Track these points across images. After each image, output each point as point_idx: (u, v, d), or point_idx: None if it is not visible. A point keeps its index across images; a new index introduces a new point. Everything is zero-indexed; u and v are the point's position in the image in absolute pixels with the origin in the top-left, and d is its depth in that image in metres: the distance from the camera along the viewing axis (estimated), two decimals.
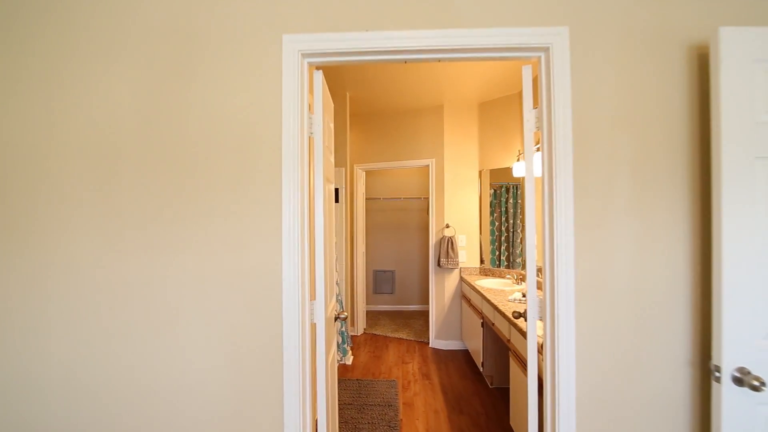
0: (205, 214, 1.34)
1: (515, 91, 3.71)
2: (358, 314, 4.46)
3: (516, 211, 3.76)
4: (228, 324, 1.34)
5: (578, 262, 1.30)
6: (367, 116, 4.46)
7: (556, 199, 1.31)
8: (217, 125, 1.34)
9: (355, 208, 4.45)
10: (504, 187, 3.88)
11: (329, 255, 1.71)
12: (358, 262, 4.45)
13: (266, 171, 1.34)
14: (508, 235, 3.86)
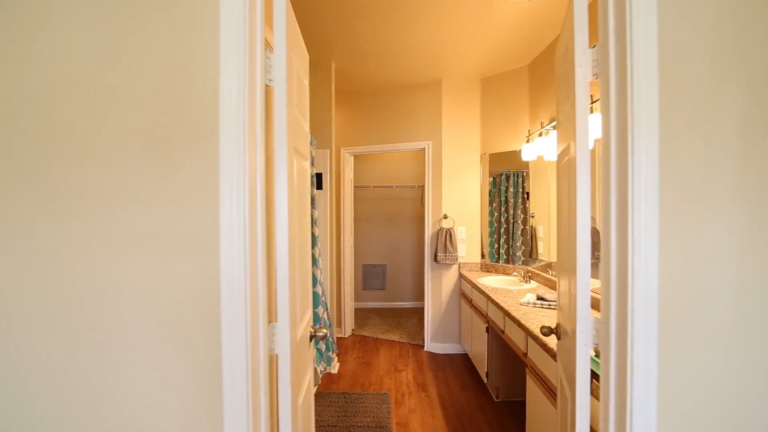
0: (91, 202, 0.87)
1: (523, 64, 3.26)
2: (345, 314, 4.04)
3: (517, 200, 3.36)
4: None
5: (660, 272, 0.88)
6: (355, 93, 3.97)
7: (634, 176, 0.87)
8: (115, 69, 0.88)
9: (342, 197, 3.99)
10: (504, 175, 3.48)
11: (301, 257, 1.26)
12: (345, 257, 4.01)
13: (194, 136, 0.88)
14: (508, 227, 3.47)
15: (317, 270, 2.75)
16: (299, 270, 1.23)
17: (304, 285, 1.33)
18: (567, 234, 1.23)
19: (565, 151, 1.25)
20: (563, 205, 1.32)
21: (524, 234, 3.38)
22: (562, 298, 1.38)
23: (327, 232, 3.17)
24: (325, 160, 3.17)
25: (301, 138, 1.30)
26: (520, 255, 3.41)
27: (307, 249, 1.40)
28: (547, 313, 2.10)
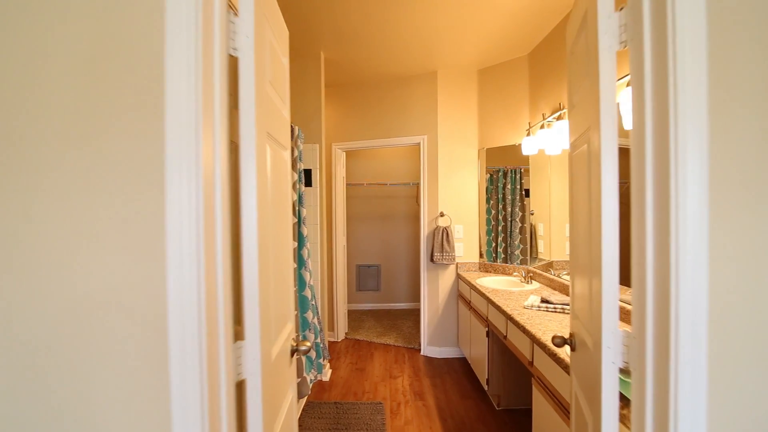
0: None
1: (522, 54, 3.11)
2: (338, 318, 3.87)
3: (515, 198, 3.21)
4: None
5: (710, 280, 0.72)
6: (346, 86, 3.80)
7: (678, 164, 0.71)
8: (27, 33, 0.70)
9: (334, 194, 3.81)
10: (501, 171, 3.32)
11: (277, 261, 1.09)
12: (337, 257, 3.83)
13: (136, 113, 0.71)
14: (506, 224, 3.32)
15: (306, 272, 2.57)
16: (275, 276, 1.06)
17: (282, 293, 1.16)
18: (585, 232, 1.07)
19: (582, 139, 1.09)
20: (579, 199, 1.16)
21: (522, 232, 3.23)
22: (577, 303, 1.22)
23: (317, 231, 3.00)
24: (314, 156, 2.99)
25: (278, 123, 1.13)
26: (518, 254, 3.26)
27: (285, 252, 1.23)
28: (553, 318, 1.95)
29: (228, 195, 0.82)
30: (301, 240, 2.54)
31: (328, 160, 3.81)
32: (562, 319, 1.92)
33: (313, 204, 2.99)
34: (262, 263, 0.91)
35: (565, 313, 2.02)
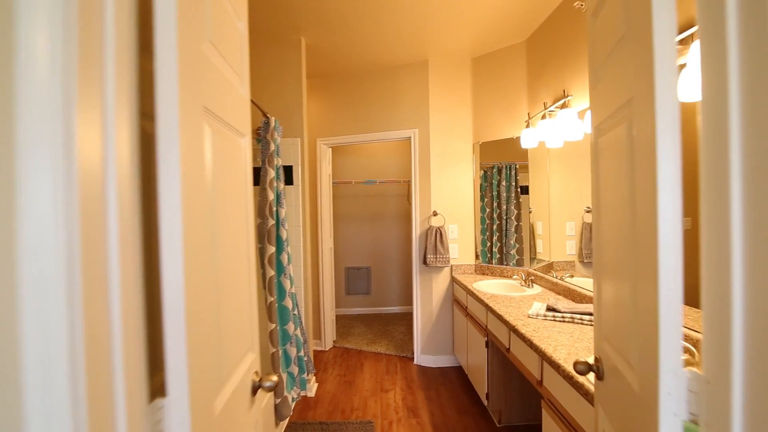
0: None
1: (520, 40, 2.89)
2: (325, 325, 3.61)
3: (510, 195, 3.00)
4: None
5: None
6: (331, 77, 3.54)
7: None
8: None
9: (319, 193, 3.56)
10: (495, 168, 3.11)
11: (228, 278, 0.84)
12: (324, 260, 3.58)
13: None
14: (501, 224, 3.11)
15: (286, 279, 2.32)
16: (223, 299, 0.81)
17: (236, 318, 0.91)
18: (620, 232, 0.84)
19: (615, 118, 0.87)
20: (609, 191, 0.93)
21: (518, 231, 3.03)
22: (606, 318, 0.99)
23: (300, 233, 2.75)
24: (295, 151, 2.74)
25: (226, 99, 0.87)
26: (514, 254, 3.06)
27: (243, 265, 0.98)
28: (562, 329, 1.73)
29: (136, 194, 0.57)
30: (279, 244, 2.29)
31: (312, 157, 3.55)
32: (573, 331, 1.70)
33: (294, 203, 2.74)
34: (196, 285, 0.67)
35: (575, 323, 1.81)
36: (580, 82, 2.11)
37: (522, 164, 3.00)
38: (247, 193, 1.03)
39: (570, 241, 2.61)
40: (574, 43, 2.16)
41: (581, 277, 2.39)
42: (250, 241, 1.04)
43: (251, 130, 1.09)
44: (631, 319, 0.79)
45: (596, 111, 1.02)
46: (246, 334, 0.98)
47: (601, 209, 1.01)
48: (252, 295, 1.05)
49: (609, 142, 0.92)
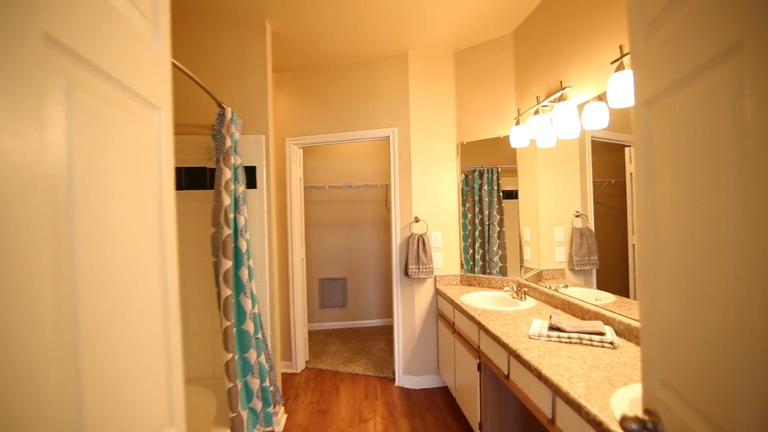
0: None
1: (506, 32, 2.68)
2: (296, 344, 3.25)
3: (492, 200, 2.79)
4: None
5: None
6: (302, 70, 3.23)
7: None
8: None
9: (289, 198, 3.22)
10: (477, 171, 2.90)
11: (116, 315, 0.51)
12: (294, 272, 3.23)
13: None
14: (483, 229, 2.88)
15: (246, 299, 1.97)
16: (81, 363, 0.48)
17: (131, 385, 0.58)
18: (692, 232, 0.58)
19: (692, 85, 0.61)
20: (675, 185, 0.68)
21: (501, 237, 2.81)
22: (666, 345, 0.73)
23: (265, 243, 2.40)
24: (258, 150, 2.40)
25: (112, 37, 0.55)
26: (497, 261, 2.84)
27: (151, 297, 0.65)
28: (572, 353, 1.48)
29: None
30: (237, 257, 1.94)
31: (280, 158, 3.22)
32: (584, 355, 1.45)
33: (258, 209, 2.39)
34: None
35: (583, 344, 1.56)
36: (580, 70, 1.90)
37: (504, 168, 2.79)
38: (163, 194, 0.71)
39: (560, 247, 2.41)
40: (570, 27, 1.96)
41: (576, 287, 2.17)
42: (169, 261, 0.72)
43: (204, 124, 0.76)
44: (739, 359, 0.52)
45: (648, 77, 0.76)
46: (158, 400, 0.65)
47: (657, 207, 0.75)
48: (172, 338, 0.72)
49: (680, 120, 0.66)
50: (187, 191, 2.36)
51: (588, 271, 2.22)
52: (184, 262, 2.35)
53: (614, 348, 1.51)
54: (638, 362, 1.37)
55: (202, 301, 2.36)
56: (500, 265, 2.82)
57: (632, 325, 1.58)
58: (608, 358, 1.42)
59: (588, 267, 2.21)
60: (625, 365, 1.35)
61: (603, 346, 1.53)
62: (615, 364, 1.36)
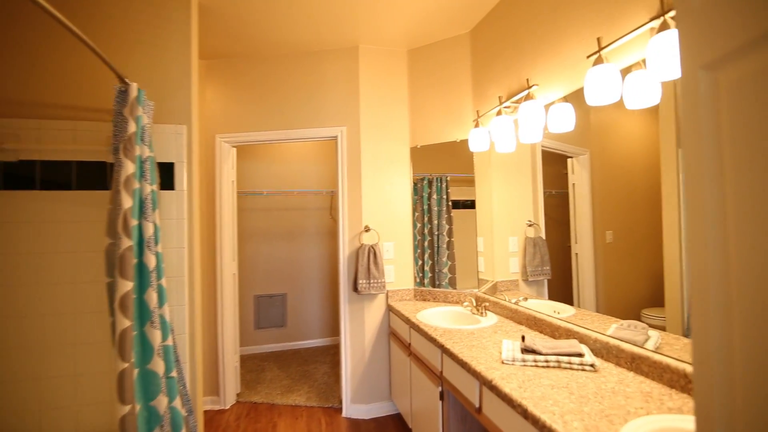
0: None
1: (463, 31, 2.55)
2: (224, 376, 2.77)
3: (441, 209, 2.63)
4: None
5: None
6: (236, 57, 2.83)
7: None
8: None
9: (218, 205, 2.77)
10: (426, 180, 2.73)
11: None
12: (224, 290, 2.77)
13: None
14: (432, 239, 2.71)
15: (154, 330, 1.53)
16: None
17: None
18: None
19: None
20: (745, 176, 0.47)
21: (450, 248, 2.66)
22: (712, 408, 0.52)
23: (184, 257, 1.95)
24: (178, 144, 1.96)
25: None
26: (446, 272, 2.67)
27: None
28: (553, 380, 1.28)
29: None
30: (142, 276, 1.51)
31: (208, 156, 2.76)
32: (568, 383, 1.26)
33: (176, 216, 1.95)
34: None
35: (562, 368, 1.38)
36: (547, 68, 1.78)
37: (458, 178, 2.65)
38: None
39: (513, 258, 2.30)
40: (536, 24, 1.85)
41: (536, 300, 2.05)
42: None
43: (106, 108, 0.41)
44: None
45: (711, 32, 0.57)
46: None
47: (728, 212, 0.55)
48: None
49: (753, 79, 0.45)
50: (80, 192, 1.85)
51: (540, 281, 2.13)
52: (77, 282, 1.83)
53: (595, 371, 1.35)
54: (626, 388, 1.21)
55: (102, 332, 1.85)
56: (449, 277, 2.66)
57: (610, 343, 1.43)
58: (593, 384, 1.25)
59: (541, 277, 2.12)
60: (615, 393, 1.18)
61: (584, 369, 1.37)
62: (604, 393, 1.18)
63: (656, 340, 1.33)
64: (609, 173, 1.57)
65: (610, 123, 1.54)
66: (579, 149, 1.73)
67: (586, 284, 1.71)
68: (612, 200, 1.57)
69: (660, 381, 1.23)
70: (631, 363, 1.34)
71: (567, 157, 1.80)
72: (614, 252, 1.57)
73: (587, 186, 1.68)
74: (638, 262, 1.46)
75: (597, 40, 1.38)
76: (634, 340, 1.41)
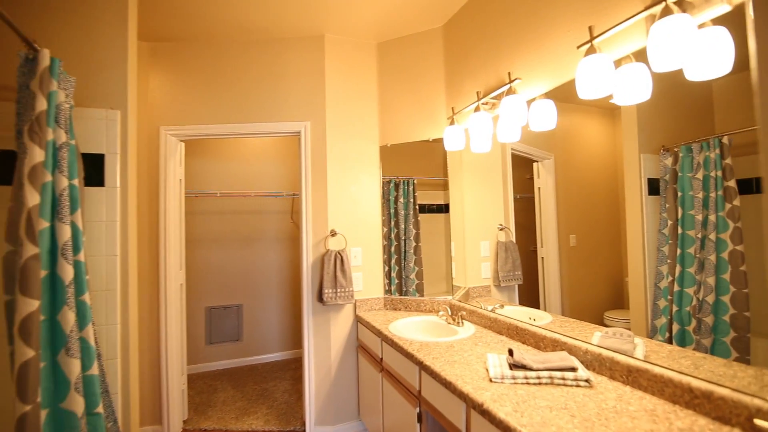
0: None
1: (435, 25, 2.43)
2: (170, 400, 2.42)
3: (408, 213, 2.50)
4: None
5: None
6: (186, 41, 2.52)
7: None
8: None
9: (163, 206, 2.44)
10: (393, 183, 2.59)
11: None
12: (169, 303, 2.44)
13: None
14: (399, 244, 2.57)
15: (70, 359, 1.23)
16: None
17: None
18: None
19: None
20: None
21: (417, 253, 2.53)
22: None
23: (116, 266, 1.64)
24: (110, 132, 1.64)
25: None
26: (413, 278, 2.54)
27: None
28: (549, 400, 1.15)
29: None
30: (57, 292, 1.20)
31: (151, 151, 2.43)
32: (566, 402, 1.13)
33: (107, 218, 1.63)
34: None
35: (555, 384, 1.25)
36: (529, 61, 1.68)
37: (422, 180, 2.54)
38: None
39: (485, 263, 2.21)
40: (516, 15, 1.75)
41: (512, 306, 1.96)
42: None
43: None
44: None
45: None
46: None
47: None
48: None
49: None
50: None
51: (512, 287, 2.06)
52: None
53: (591, 386, 1.24)
54: (628, 406, 1.10)
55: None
56: (417, 283, 2.52)
57: (603, 354, 1.33)
58: (593, 403, 1.12)
59: (513, 283, 2.06)
60: (618, 413, 1.06)
61: (578, 385, 1.25)
62: (608, 414, 1.06)
63: (643, 349, 1.25)
64: (572, 177, 1.60)
65: (573, 126, 1.56)
66: (545, 153, 1.75)
67: (552, 288, 1.73)
68: (575, 204, 1.60)
69: (661, 396, 1.13)
70: (628, 376, 1.24)
71: (533, 161, 1.80)
72: (578, 255, 1.60)
73: (552, 190, 1.70)
74: (599, 265, 1.48)
75: (589, 28, 1.28)
76: (623, 349, 1.31)
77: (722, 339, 1.08)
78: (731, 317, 1.06)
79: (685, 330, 1.17)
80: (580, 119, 1.53)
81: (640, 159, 1.28)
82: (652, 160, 1.24)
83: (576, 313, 1.56)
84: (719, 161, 1.07)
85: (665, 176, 1.21)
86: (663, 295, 1.24)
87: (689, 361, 1.13)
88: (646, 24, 1.19)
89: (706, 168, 1.11)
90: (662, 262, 1.24)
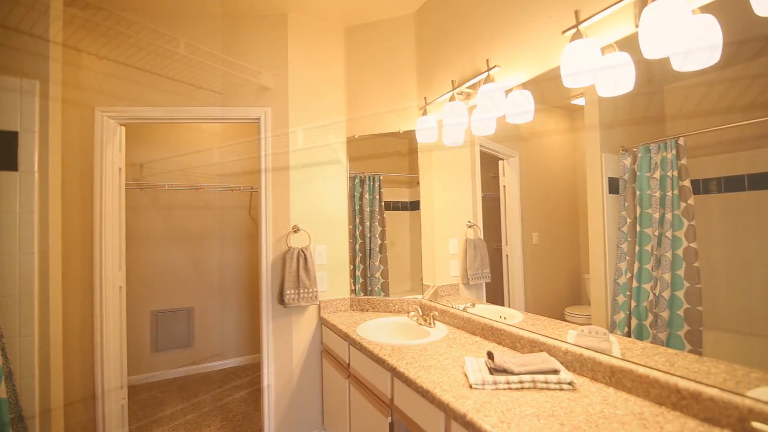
0: None
1: (407, 12, 2.32)
2: (104, 419, 2.13)
3: (373, 210, 2.40)
4: None
5: None
6: (126, 9, 2.22)
7: None
8: None
9: (99, 198, 2.13)
10: (358, 179, 2.47)
11: None
12: (105, 308, 2.14)
13: None
14: (364, 242, 2.45)
15: None
16: None
17: None
18: None
19: None
20: None
21: (383, 251, 2.43)
22: None
23: (34, 266, 1.37)
24: (26, 106, 1.36)
25: None
26: (379, 277, 2.44)
27: None
28: (535, 406, 1.06)
29: None
30: None
31: (84, 134, 2.11)
32: (553, 408, 1.05)
33: (22, 210, 1.36)
34: None
35: (537, 388, 1.18)
36: (508, 48, 1.60)
37: (387, 176, 2.44)
38: None
39: (454, 261, 2.15)
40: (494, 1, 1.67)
41: (482, 305, 1.90)
42: None
43: None
44: None
45: None
46: None
47: None
48: None
49: None
50: None
51: (479, 285, 2.01)
52: None
53: (574, 389, 1.17)
54: (615, 410, 1.04)
55: None
56: (382, 282, 2.42)
57: (584, 355, 1.28)
58: (580, 408, 1.05)
59: (481, 280, 2.02)
60: (607, 418, 1.00)
61: (562, 388, 1.18)
62: (597, 421, 0.99)
63: (618, 346, 1.22)
64: (535, 175, 1.62)
65: (537, 125, 1.57)
66: (511, 151, 1.75)
67: (516, 285, 1.74)
68: (538, 202, 1.63)
69: (647, 398, 1.09)
70: (611, 377, 1.19)
71: (498, 159, 1.80)
72: (540, 253, 1.62)
73: (517, 188, 1.71)
74: (560, 262, 1.51)
75: (575, 12, 1.22)
76: (601, 347, 1.27)
77: (677, 333, 1.10)
78: (685, 311, 1.08)
79: (642, 324, 1.19)
80: (544, 118, 1.54)
81: (602, 158, 1.29)
82: (613, 160, 1.26)
83: (538, 310, 1.58)
84: (675, 161, 1.09)
85: (624, 175, 1.23)
86: (622, 291, 1.25)
87: (663, 358, 1.10)
88: (635, 10, 1.14)
89: (663, 168, 1.13)
90: (621, 259, 1.25)
